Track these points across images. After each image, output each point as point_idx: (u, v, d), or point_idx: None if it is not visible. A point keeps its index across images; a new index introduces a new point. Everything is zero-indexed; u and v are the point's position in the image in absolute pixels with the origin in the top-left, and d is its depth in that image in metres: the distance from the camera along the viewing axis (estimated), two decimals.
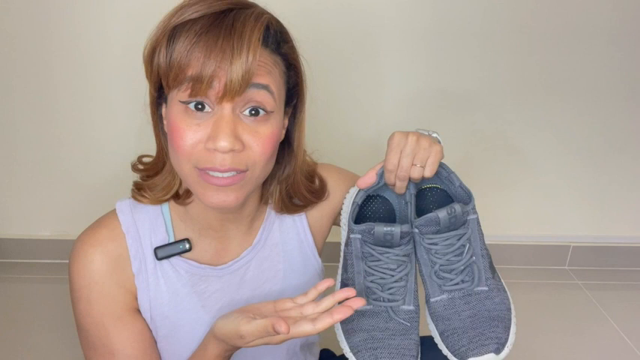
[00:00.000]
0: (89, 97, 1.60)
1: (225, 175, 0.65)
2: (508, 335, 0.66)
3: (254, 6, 0.67)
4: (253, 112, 0.65)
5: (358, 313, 0.69)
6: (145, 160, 0.77)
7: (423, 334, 0.71)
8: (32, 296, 1.61)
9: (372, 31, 1.58)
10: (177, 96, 0.64)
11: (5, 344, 1.41)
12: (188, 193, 0.74)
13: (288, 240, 0.83)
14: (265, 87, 0.64)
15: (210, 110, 0.64)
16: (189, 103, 0.64)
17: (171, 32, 0.64)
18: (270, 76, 0.65)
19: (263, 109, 0.65)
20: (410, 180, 0.70)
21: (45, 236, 1.75)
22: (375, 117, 1.67)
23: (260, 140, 0.65)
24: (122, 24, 1.53)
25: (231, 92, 0.62)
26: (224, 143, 0.62)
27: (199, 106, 0.64)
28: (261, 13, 0.66)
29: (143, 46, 0.68)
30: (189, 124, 0.64)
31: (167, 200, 0.75)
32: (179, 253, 0.75)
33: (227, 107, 0.63)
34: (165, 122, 0.71)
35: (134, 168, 0.77)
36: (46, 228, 1.75)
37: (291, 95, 0.72)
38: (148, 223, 0.74)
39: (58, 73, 1.57)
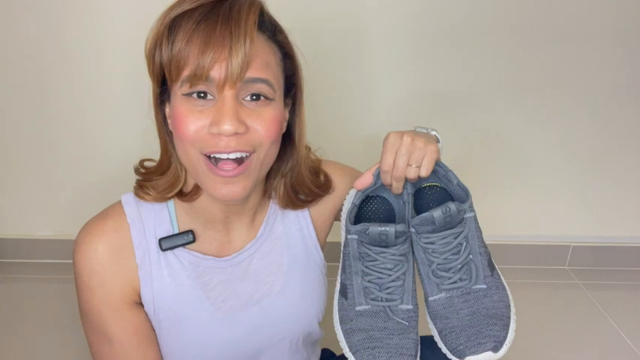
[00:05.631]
0: (89, 96, 1.60)
1: (232, 156, 0.66)
2: (507, 333, 0.66)
3: None
4: (255, 97, 0.67)
5: (357, 313, 0.69)
6: (147, 164, 0.78)
7: (424, 333, 0.71)
8: (31, 296, 1.61)
9: (370, 31, 1.58)
10: (180, 89, 0.66)
11: (5, 344, 1.41)
12: (195, 190, 0.75)
13: (291, 233, 0.83)
14: (265, 81, 0.66)
15: (212, 98, 0.66)
16: (191, 94, 0.65)
17: (171, 24, 0.66)
18: (268, 69, 0.67)
19: (264, 96, 0.67)
20: (406, 180, 0.70)
21: (44, 236, 1.75)
22: (373, 116, 1.67)
23: (264, 122, 0.67)
24: (124, 21, 1.53)
25: (232, 78, 0.63)
26: (227, 127, 0.64)
27: (202, 95, 0.65)
28: (255, 0, 0.68)
29: (145, 42, 0.69)
30: (192, 111, 0.66)
31: (171, 198, 0.76)
32: (183, 245, 0.75)
33: (229, 94, 0.65)
34: (169, 121, 0.71)
35: (137, 171, 0.77)
36: (45, 228, 1.75)
37: (289, 85, 0.74)
38: (153, 215, 0.75)
39: (56, 72, 1.57)
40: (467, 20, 1.58)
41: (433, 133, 0.74)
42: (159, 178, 0.75)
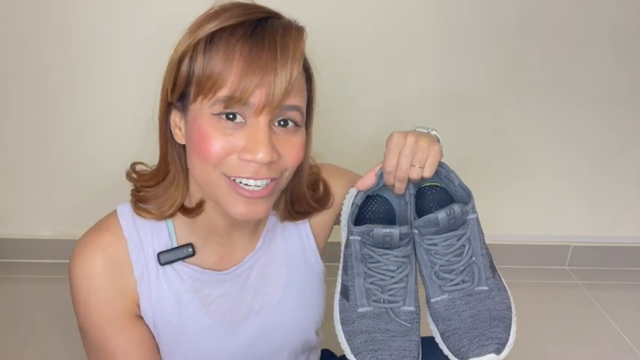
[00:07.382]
0: (89, 96, 1.59)
1: (259, 182, 0.64)
2: (509, 335, 0.66)
3: (283, 16, 0.67)
4: (282, 122, 0.65)
5: (359, 315, 0.69)
6: (139, 168, 0.75)
7: (425, 334, 0.71)
8: (31, 296, 1.61)
9: (374, 33, 1.57)
10: (211, 108, 0.63)
11: (5, 344, 1.41)
12: (199, 205, 0.72)
13: (290, 244, 0.82)
14: (298, 108, 0.65)
15: (242, 121, 0.63)
16: (221, 114, 0.63)
17: (208, 37, 0.63)
18: (301, 95, 0.66)
19: (293, 122, 0.66)
20: (409, 180, 0.70)
21: (44, 236, 1.75)
22: (376, 117, 1.66)
23: (293, 149, 0.66)
24: (125, 21, 1.52)
25: (272, 104, 0.61)
26: (262, 155, 0.62)
27: (231, 116, 0.63)
28: (300, 26, 0.66)
29: (173, 50, 0.66)
30: (222, 133, 0.63)
31: (173, 215, 0.73)
32: (183, 258, 0.74)
33: (264, 120, 0.62)
34: (177, 131, 0.69)
35: (128, 177, 0.75)
36: (45, 228, 1.75)
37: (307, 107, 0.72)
38: (150, 228, 0.73)
39: (56, 72, 1.57)
40: (468, 21, 1.58)
41: (433, 133, 0.73)
42: (153, 187, 0.73)
